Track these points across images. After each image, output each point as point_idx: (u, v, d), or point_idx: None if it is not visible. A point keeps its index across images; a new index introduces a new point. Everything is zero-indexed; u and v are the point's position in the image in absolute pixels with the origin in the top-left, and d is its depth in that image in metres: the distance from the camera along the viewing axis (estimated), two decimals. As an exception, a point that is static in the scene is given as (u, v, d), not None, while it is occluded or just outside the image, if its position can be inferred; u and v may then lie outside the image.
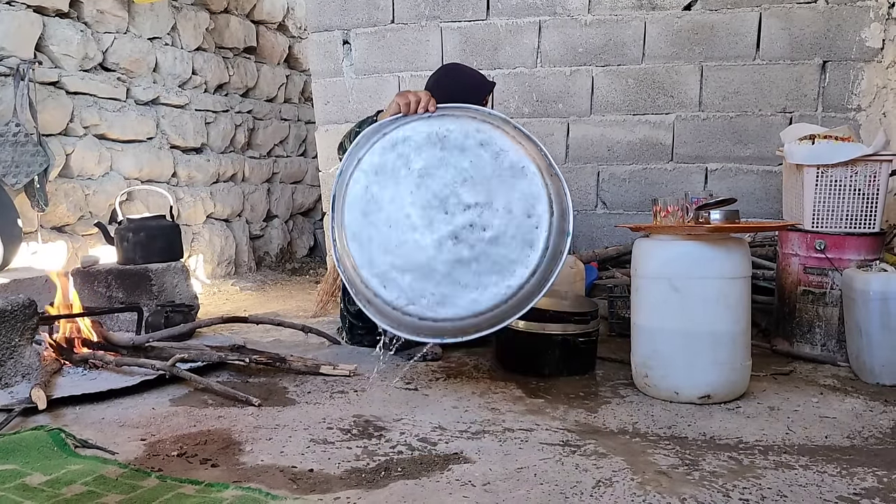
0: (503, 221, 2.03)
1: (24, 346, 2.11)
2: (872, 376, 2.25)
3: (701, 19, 3.49)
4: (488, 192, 2.04)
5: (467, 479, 1.53)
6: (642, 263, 2.15)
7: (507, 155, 2.05)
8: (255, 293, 4.34)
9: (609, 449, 1.70)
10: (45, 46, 3.53)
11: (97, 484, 1.50)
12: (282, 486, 1.50)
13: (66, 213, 3.65)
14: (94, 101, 3.81)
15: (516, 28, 3.65)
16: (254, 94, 5.24)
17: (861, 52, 3.38)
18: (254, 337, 2.90)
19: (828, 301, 2.50)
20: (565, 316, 2.37)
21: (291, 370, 2.35)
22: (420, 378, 2.33)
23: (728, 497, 1.45)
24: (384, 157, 2.12)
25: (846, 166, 2.46)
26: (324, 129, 3.92)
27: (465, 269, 2.03)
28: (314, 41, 3.89)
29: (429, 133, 2.11)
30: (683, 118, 3.56)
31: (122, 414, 1.98)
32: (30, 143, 3.28)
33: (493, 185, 2.04)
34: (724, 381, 2.05)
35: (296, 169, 5.77)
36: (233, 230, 4.97)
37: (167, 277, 3.03)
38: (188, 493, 1.45)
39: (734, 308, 2.04)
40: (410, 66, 3.76)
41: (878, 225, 2.49)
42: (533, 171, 2.03)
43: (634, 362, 2.18)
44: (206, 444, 1.74)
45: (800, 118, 3.41)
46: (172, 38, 4.40)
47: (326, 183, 3.95)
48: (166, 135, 4.34)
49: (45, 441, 1.71)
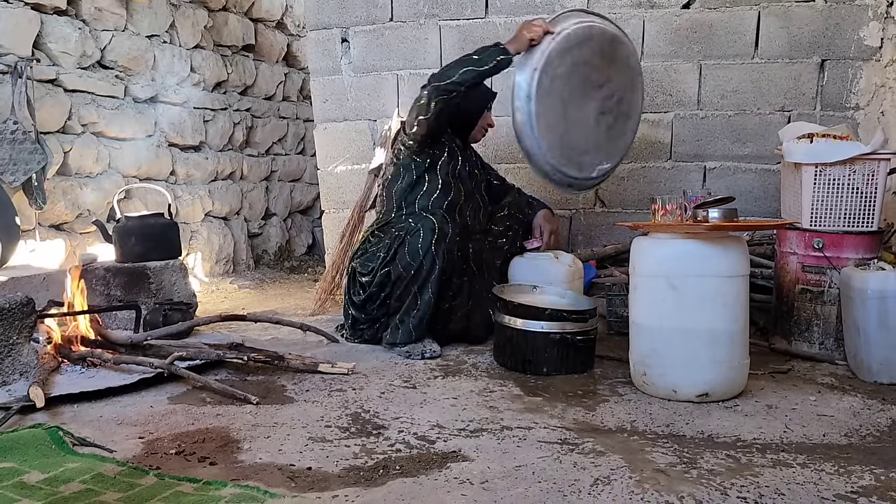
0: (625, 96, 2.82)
1: (21, 344, 2.11)
2: (870, 375, 2.25)
3: (699, 18, 3.49)
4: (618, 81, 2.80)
5: (466, 478, 1.53)
6: (640, 262, 2.15)
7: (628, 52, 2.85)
8: (253, 291, 4.34)
9: (607, 447, 1.70)
10: (43, 44, 3.53)
11: (95, 482, 1.50)
12: (280, 484, 1.50)
13: (64, 210, 3.64)
14: (92, 99, 3.80)
15: (515, 26, 3.62)
16: (252, 92, 5.23)
17: (859, 50, 3.38)
18: (252, 335, 2.90)
19: (826, 299, 2.50)
20: (564, 314, 2.37)
21: (290, 368, 2.35)
22: (418, 376, 2.34)
23: (726, 495, 1.45)
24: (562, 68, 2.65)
25: (844, 165, 2.46)
26: (322, 127, 3.92)
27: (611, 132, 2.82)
28: (312, 39, 3.88)
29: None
30: (682, 116, 3.55)
31: (121, 412, 1.98)
32: (28, 140, 3.28)
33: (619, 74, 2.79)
34: (722, 380, 2.05)
35: (294, 167, 5.77)
36: (231, 228, 4.97)
37: (165, 275, 3.03)
38: (186, 491, 1.45)
39: (732, 306, 2.04)
40: (409, 64, 3.75)
41: (877, 223, 2.49)
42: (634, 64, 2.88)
43: (633, 360, 2.19)
44: (204, 442, 1.74)
45: (798, 117, 3.41)
46: (171, 35, 4.39)
47: (325, 181, 3.95)
48: (164, 133, 4.33)
49: (43, 439, 1.71)
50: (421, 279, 2.55)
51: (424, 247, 2.53)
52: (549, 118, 2.64)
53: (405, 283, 2.57)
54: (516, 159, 3.71)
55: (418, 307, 2.57)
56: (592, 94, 2.72)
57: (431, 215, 2.59)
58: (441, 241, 2.54)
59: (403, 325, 2.59)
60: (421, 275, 2.55)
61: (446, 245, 2.55)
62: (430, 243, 2.53)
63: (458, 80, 2.57)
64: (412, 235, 2.56)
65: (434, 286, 2.56)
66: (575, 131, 2.70)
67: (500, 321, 2.44)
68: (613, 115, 2.78)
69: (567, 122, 2.69)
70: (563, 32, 2.62)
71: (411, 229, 2.58)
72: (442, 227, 2.55)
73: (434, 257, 2.53)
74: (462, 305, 2.70)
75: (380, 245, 2.70)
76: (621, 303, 2.81)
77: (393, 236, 2.65)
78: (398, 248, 2.60)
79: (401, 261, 2.57)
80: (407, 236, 2.58)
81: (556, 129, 2.67)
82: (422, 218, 2.60)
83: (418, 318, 2.58)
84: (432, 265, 2.54)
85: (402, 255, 2.57)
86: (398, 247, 2.60)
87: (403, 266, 2.57)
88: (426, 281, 2.55)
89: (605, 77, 2.74)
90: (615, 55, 2.76)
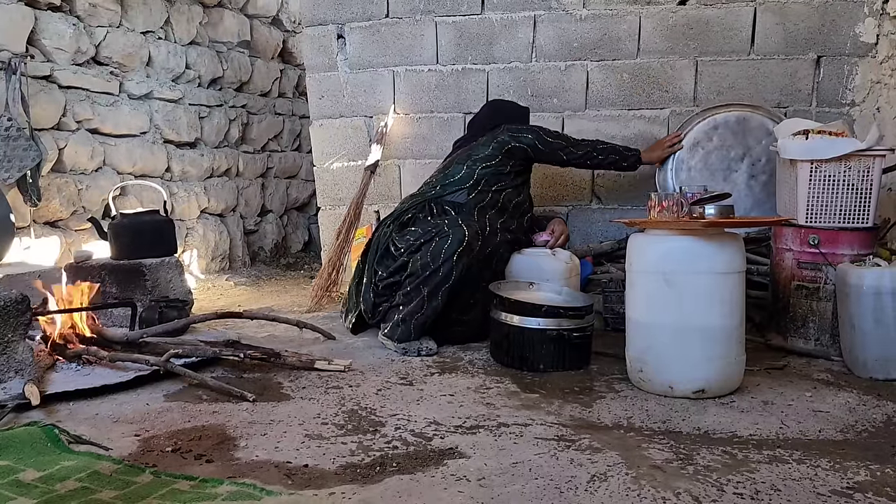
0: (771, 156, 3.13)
1: (17, 341, 2.10)
2: (865, 371, 2.26)
3: (696, 14, 3.49)
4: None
5: (462, 474, 1.53)
6: (637, 258, 2.15)
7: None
8: (249, 288, 4.33)
9: (604, 443, 1.71)
10: (38, 40, 3.51)
11: (91, 480, 1.49)
12: (276, 481, 1.50)
13: (59, 207, 3.63)
14: (87, 96, 3.78)
15: (511, 22, 3.64)
16: (248, 89, 5.21)
17: (855, 47, 3.39)
18: (248, 332, 2.90)
19: (821, 296, 2.51)
20: (560, 311, 2.38)
21: (286, 365, 2.34)
22: (415, 373, 2.33)
23: (722, 491, 1.45)
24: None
25: (840, 161, 2.46)
26: (318, 123, 3.91)
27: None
28: (308, 35, 3.87)
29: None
30: (678, 113, 3.55)
31: (117, 410, 1.97)
32: (22, 137, 3.26)
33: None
34: (718, 376, 2.06)
35: (290, 164, 5.76)
36: (227, 225, 4.95)
37: (161, 272, 3.02)
38: (182, 488, 1.45)
39: (728, 303, 2.04)
40: (405, 60, 3.74)
41: (872, 220, 2.49)
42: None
43: (629, 357, 2.19)
44: (200, 439, 1.74)
45: (794, 113, 3.41)
46: (166, 31, 4.37)
47: (321, 178, 3.94)
48: (160, 129, 4.32)
49: (38, 437, 1.70)
50: (433, 284, 2.55)
51: (447, 254, 2.54)
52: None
53: (417, 282, 2.57)
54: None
55: (423, 312, 2.58)
56: (735, 167, 3.29)
57: (467, 226, 2.59)
58: (465, 255, 2.55)
59: (405, 325, 2.59)
60: (434, 280, 2.55)
61: (469, 260, 2.56)
62: (453, 252, 2.54)
63: (600, 164, 3.11)
64: (441, 238, 2.57)
65: (445, 296, 2.57)
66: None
67: (497, 318, 2.44)
68: (767, 174, 3.22)
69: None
70: (687, 135, 3.33)
71: (442, 232, 2.58)
72: (470, 243, 2.57)
73: (453, 267, 2.54)
74: (475, 321, 2.70)
75: (417, 229, 2.68)
76: (618, 299, 2.81)
77: (426, 229, 2.65)
78: (423, 245, 2.60)
79: (422, 257, 2.58)
80: (436, 237, 2.58)
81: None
82: (456, 225, 2.60)
83: (421, 322, 2.58)
84: (449, 274, 2.55)
85: (425, 253, 2.58)
86: (424, 243, 2.60)
87: (422, 264, 2.57)
88: (438, 288, 2.56)
89: (744, 149, 3.28)
90: (747, 129, 3.29)
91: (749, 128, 3.30)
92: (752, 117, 3.31)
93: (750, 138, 3.30)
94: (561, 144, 2.97)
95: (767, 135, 3.23)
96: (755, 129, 3.29)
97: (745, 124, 3.31)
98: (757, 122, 3.31)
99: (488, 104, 3.33)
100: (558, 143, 2.96)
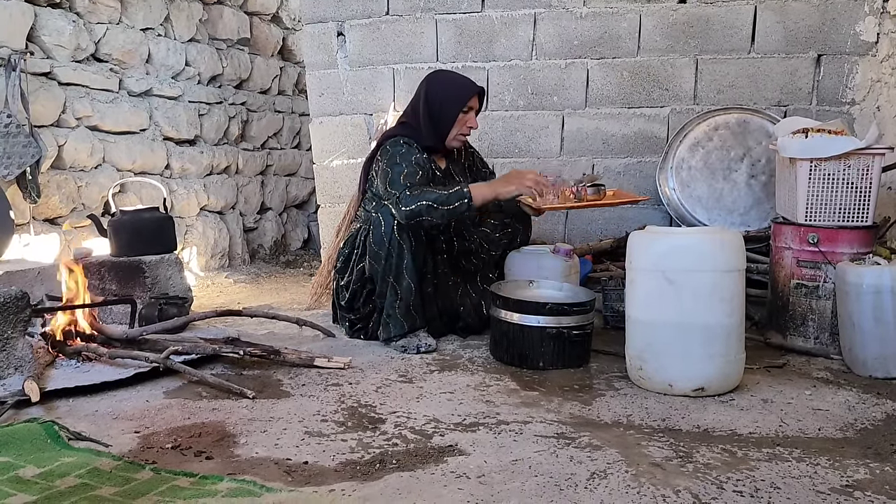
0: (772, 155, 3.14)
1: (16, 338, 2.10)
2: (865, 369, 2.26)
3: (696, 12, 3.49)
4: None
5: (462, 472, 1.53)
6: (637, 256, 2.15)
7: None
8: (248, 285, 4.33)
9: (603, 441, 1.71)
10: (37, 37, 3.50)
11: (91, 476, 1.49)
12: (276, 478, 1.50)
13: (59, 204, 3.62)
14: (87, 93, 3.78)
15: (511, 20, 3.64)
16: (247, 86, 5.20)
17: (855, 45, 3.39)
18: (248, 329, 2.89)
19: (821, 294, 2.51)
20: (560, 309, 2.38)
21: (286, 363, 2.34)
22: (414, 370, 2.34)
23: (722, 489, 1.45)
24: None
25: (839, 160, 2.46)
26: (318, 121, 3.91)
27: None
28: (308, 33, 3.87)
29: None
30: (678, 111, 3.55)
31: (116, 406, 1.97)
32: (21, 134, 3.26)
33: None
34: (717, 374, 2.06)
35: (290, 161, 5.75)
36: (226, 222, 4.95)
37: (161, 270, 3.02)
38: (182, 485, 1.45)
39: (728, 301, 2.04)
40: (405, 58, 3.74)
41: (871, 218, 2.49)
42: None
43: (629, 355, 2.19)
44: (200, 436, 1.74)
45: (794, 111, 3.42)
46: (165, 28, 4.37)
47: (321, 175, 3.94)
48: (159, 126, 4.31)
49: (38, 433, 1.70)
50: (394, 267, 2.54)
51: (388, 232, 2.53)
52: (696, 195, 3.42)
53: (380, 275, 2.57)
54: (512, 154, 3.71)
55: (400, 296, 2.57)
56: (735, 167, 3.36)
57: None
58: (403, 228, 2.53)
59: (392, 318, 2.58)
60: (392, 262, 2.54)
61: (410, 228, 2.54)
62: (391, 228, 2.52)
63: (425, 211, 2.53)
64: (374, 225, 2.57)
65: (409, 272, 2.55)
66: (727, 197, 3.38)
67: (497, 316, 2.44)
68: (767, 174, 3.27)
69: (716, 192, 3.39)
70: (688, 135, 3.42)
71: (373, 219, 2.60)
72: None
73: (400, 241, 2.52)
74: (462, 292, 2.75)
75: (352, 245, 2.74)
76: (617, 297, 2.82)
77: (359, 231, 2.69)
78: (364, 242, 2.63)
79: (370, 252, 2.59)
80: (371, 227, 2.59)
81: (706, 202, 3.41)
82: (381, 206, 2.60)
83: (404, 307, 2.57)
84: (400, 250, 2.53)
85: (370, 246, 2.59)
86: (364, 239, 2.63)
87: (373, 256, 2.58)
88: (399, 268, 2.54)
89: (744, 149, 3.35)
90: (748, 130, 3.36)
91: (749, 129, 3.37)
92: (753, 120, 3.38)
93: (750, 139, 3.36)
94: (390, 193, 2.57)
95: (767, 137, 3.28)
96: (755, 131, 3.36)
97: (745, 126, 3.38)
98: (757, 124, 3.37)
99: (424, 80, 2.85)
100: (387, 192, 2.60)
